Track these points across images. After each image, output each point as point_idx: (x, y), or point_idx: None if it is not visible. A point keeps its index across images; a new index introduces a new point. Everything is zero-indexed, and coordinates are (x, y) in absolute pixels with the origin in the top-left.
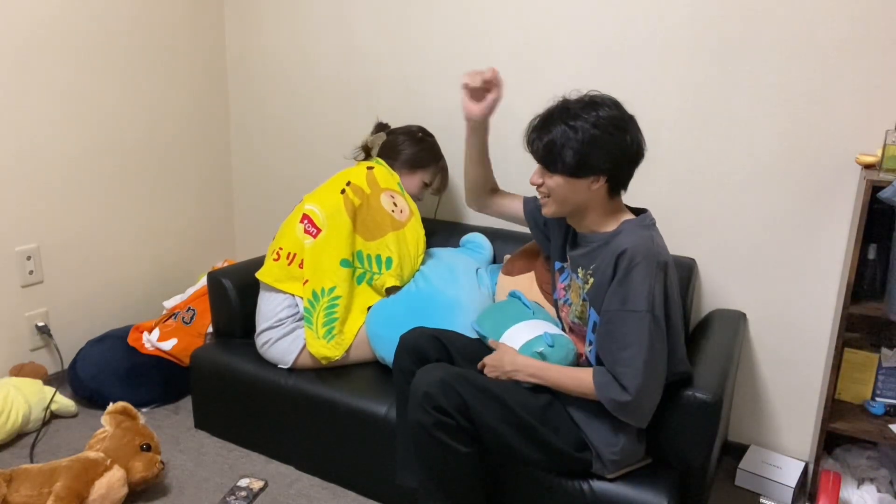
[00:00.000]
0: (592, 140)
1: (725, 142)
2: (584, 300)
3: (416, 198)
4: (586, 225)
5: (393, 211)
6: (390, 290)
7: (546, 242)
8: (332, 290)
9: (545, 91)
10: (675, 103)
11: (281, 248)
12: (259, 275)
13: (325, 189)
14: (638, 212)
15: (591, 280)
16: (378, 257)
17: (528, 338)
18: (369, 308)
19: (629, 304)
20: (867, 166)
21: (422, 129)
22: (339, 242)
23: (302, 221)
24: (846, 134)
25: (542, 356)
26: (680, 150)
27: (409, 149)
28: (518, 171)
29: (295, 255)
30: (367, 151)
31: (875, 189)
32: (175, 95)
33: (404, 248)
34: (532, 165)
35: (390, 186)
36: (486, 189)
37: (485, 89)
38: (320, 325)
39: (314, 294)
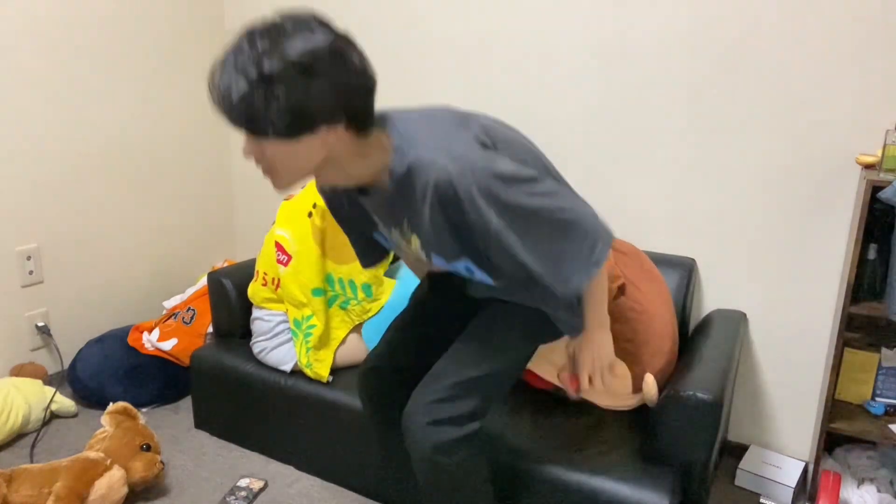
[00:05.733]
0: (300, 86)
1: (725, 142)
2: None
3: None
4: (357, 178)
5: None
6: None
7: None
8: (309, 317)
9: (546, 91)
10: (676, 103)
11: (266, 273)
12: (249, 293)
13: (296, 208)
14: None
15: (415, 237)
16: (352, 282)
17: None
18: (356, 327)
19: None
20: (867, 166)
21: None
22: (309, 271)
23: (276, 247)
24: (846, 134)
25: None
26: (680, 150)
27: None
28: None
29: (276, 280)
30: None
31: (875, 189)
32: (175, 95)
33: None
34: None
35: None
36: None
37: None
38: (303, 353)
39: (296, 322)
